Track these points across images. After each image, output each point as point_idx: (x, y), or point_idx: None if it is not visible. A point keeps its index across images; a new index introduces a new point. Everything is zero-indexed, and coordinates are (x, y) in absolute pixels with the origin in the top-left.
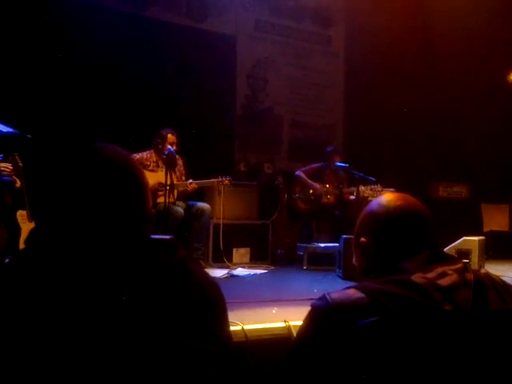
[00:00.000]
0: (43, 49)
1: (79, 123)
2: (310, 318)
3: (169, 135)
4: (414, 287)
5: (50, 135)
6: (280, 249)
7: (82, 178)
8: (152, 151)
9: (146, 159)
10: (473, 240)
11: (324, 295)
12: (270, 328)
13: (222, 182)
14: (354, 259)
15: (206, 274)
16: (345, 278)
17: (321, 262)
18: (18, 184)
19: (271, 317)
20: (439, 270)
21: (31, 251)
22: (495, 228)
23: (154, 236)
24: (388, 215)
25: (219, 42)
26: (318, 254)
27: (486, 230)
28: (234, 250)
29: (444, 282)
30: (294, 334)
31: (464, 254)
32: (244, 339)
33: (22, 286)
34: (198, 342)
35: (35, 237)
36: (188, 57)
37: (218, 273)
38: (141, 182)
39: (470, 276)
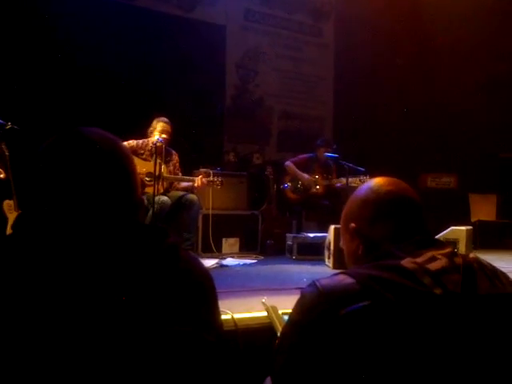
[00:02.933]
0: (29, 38)
1: (68, 113)
2: (300, 305)
3: (160, 123)
4: (404, 272)
5: (38, 126)
6: (269, 239)
7: (68, 163)
8: (148, 140)
9: (141, 147)
10: (460, 230)
11: (313, 281)
12: (259, 317)
13: (213, 182)
14: (341, 243)
15: (198, 261)
16: (334, 267)
17: (310, 252)
18: (3, 175)
19: (261, 306)
20: (428, 254)
21: (18, 236)
22: (483, 218)
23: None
24: (378, 200)
25: (209, 32)
26: (308, 244)
27: (473, 219)
28: (224, 240)
29: (433, 266)
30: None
31: (452, 243)
32: (234, 328)
33: (9, 271)
34: (190, 327)
35: (22, 221)
36: (177, 46)
37: (207, 263)
38: (128, 167)
39: (459, 260)
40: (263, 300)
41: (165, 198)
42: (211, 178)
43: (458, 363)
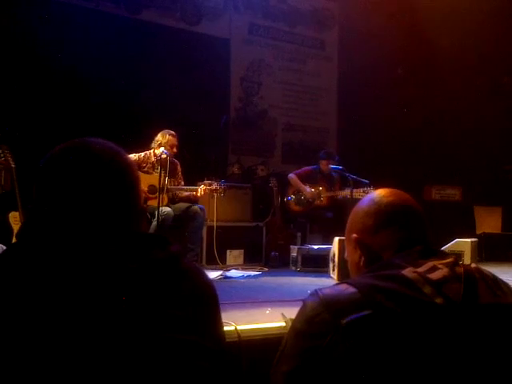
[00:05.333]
0: (36, 52)
1: (70, 127)
2: (302, 314)
3: (168, 137)
4: (405, 282)
5: (41, 138)
6: (274, 250)
7: (70, 173)
8: (151, 152)
9: (143, 160)
10: (465, 242)
11: (316, 291)
12: (263, 328)
13: (216, 190)
14: (345, 254)
15: (200, 270)
16: (339, 279)
17: (314, 264)
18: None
19: (265, 317)
20: (430, 264)
21: (22, 245)
22: (488, 230)
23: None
24: (380, 210)
25: (213, 45)
26: (312, 256)
27: (478, 232)
28: (228, 251)
29: (435, 275)
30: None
31: (457, 255)
32: (237, 339)
33: (14, 279)
34: (191, 336)
35: (25, 231)
36: (182, 60)
37: (211, 274)
38: (129, 177)
39: (460, 270)
40: (267, 312)
41: (168, 209)
42: (214, 187)
43: (459, 372)
